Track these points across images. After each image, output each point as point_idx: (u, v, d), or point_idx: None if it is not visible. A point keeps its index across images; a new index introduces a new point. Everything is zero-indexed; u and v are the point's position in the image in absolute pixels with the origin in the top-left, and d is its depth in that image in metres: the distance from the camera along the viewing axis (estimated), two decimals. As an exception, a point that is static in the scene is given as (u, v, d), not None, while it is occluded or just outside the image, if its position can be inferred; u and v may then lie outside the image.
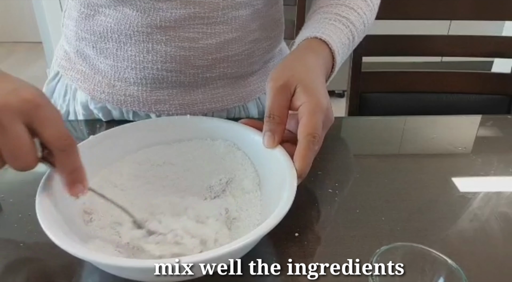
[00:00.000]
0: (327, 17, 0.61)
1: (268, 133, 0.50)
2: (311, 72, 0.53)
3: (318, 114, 0.48)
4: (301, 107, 0.49)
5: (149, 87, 0.66)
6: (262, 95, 0.74)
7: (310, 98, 0.49)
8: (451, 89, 1.12)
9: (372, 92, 1.13)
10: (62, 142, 0.41)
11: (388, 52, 1.08)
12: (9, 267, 0.46)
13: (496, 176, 0.61)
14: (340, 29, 0.60)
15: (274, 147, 0.50)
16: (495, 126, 0.74)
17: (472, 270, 0.41)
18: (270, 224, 0.40)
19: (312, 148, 0.47)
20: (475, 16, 1.05)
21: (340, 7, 0.62)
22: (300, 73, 0.51)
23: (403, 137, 0.72)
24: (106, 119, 0.70)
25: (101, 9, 0.62)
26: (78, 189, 0.43)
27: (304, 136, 0.47)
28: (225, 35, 0.64)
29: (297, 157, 0.47)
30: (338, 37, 0.59)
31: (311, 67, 0.54)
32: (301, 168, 0.46)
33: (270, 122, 0.50)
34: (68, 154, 0.42)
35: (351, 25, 0.61)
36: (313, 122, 0.47)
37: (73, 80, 0.70)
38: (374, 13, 0.68)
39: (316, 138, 0.47)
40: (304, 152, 0.47)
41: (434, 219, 0.52)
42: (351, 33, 0.61)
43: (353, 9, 0.62)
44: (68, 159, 0.42)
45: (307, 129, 0.47)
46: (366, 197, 0.56)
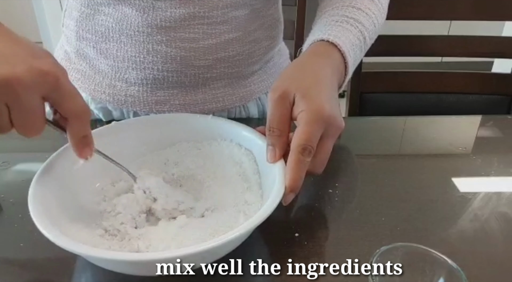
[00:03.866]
0: (334, 19, 0.59)
1: (270, 148, 0.49)
2: (314, 78, 0.50)
3: (314, 123, 0.46)
4: (299, 116, 0.47)
5: (149, 87, 0.66)
6: (262, 96, 0.74)
7: (309, 106, 0.46)
8: (451, 90, 1.11)
9: (372, 92, 1.13)
10: (81, 112, 0.43)
11: (388, 53, 1.08)
12: (9, 267, 0.46)
13: (496, 176, 0.61)
14: (349, 30, 0.57)
15: (276, 161, 0.48)
16: (495, 126, 0.73)
17: (472, 270, 0.41)
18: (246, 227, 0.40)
19: (302, 160, 0.45)
20: (475, 17, 1.05)
21: (346, 8, 0.60)
22: (301, 80, 0.49)
23: (403, 138, 0.72)
24: (106, 119, 0.70)
25: (101, 8, 0.62)
26: (87, 152, 0.46)
27: (295, 147, 0.45)
28: (225, 35, 0.64)
29: (286, 169, 0.46)
30: (347, 38, 0.56)
31: (315, 72, 0.51)
32: (289, 182, 0.45)
33: (271, 136, 0.48)
34: (82, 122, 0.44)
35: (360, 25, 0.59)
36: (306, 133, 0.45)
37: (73, 81, 0.70)
38: (384, 12, 0.65)
39: (307, 150, 0.45)
40: (292, 165, 0.45)
41: (434, 219, 0.52)
42: (361, 33, 0.58)
43: (360, 10, 0.60)
44: (82, 126, 0.44)
45: (298, 140, 0.45)
46: (366, 197, 0.56)
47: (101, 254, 0.38)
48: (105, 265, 0.41)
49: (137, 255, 0.39)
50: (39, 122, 0.41)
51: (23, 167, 0.61)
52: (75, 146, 0.45)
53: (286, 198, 0.45)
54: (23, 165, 0.61)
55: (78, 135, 0.44)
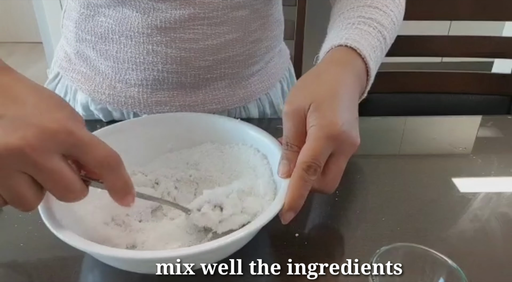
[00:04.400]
0: (350, 21, 0.55)
1: (284, 162, 0.46)
2: (328, 90, 0.47)
3: (323, 140, 0.43)
4: (309, 130, 0.44)
5: (149, 88, 0.66)
6: (262, 96, 0.74)
7: (320, 121, 0.44)
8: (452, 90, 1.12)
9: (373, 92, 1.13)
10: (108, 160, 0.38)
11: (388, 53, 1.07)
12: (9, 267, 0.46)
13: (497, 176, 0.61)
14: (368, 31, 0.53)
15: (288, 177, 0.45)
16: (495, 126, 0.73)
17: (472, 270, 0.41)
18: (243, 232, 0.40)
19: (305, 178, 0.43)
20: (475, 17, 1.05)
21: (362, 8, 0.56)
22: (316, 93, 0.46)
23: (403, 138, 0.72)
24: (106, 120, 0.70)
25: (101, 9, 0.62)
26: (129, 199, 0.40)
27: (299, 164, 0.43)
28: (225, 35, 0.64)
29: (288, 187, 0.44)
30: (366, 41, 0.52)
31: (331, 83, 0.48)
32: (289, 199, 0.43)
33: (288, 151, 0.46)
34: (114, 169, 0.38)
35: (379, 25, 0.55)
36: (313, 150, 0.43)
37: (73, 81, 0.70)
38: (402, 9, 0.61)
39: (311, 167, 0.43)
40: (294, 182, 0.43)
41: (434, 219, 0.52)
42: (380, 34, 0.55)
43: (377, 8, 0.56)
44: (115, 174, 0.39)
45: (303, 157, 0.43)
46: (366, 197, 0.56)
47: (98, 250, 0.38)
48: (102, 258, 0.41)
49: (131, 253, 0.39)
50: (70, 182, 0.36)
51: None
52: (115, 197, 0.40)
53: (285, 216, 0.43)
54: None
55: (116, 186, 0.39)
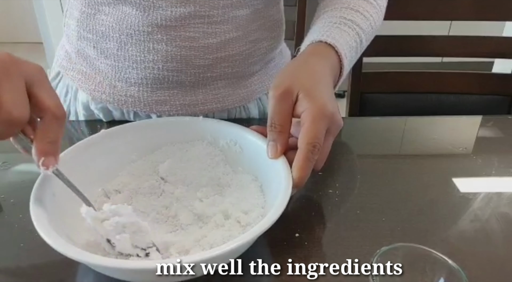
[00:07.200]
0: (332, 20, 0.60)
1: (271, 143, 0.49)
2: (314, 77, 0.51)
3: (320, 121, 0.47)
4: (303, 113, 0.47)
5: (150, 87, 0.66)
6: (262, 96, 0.74)
7: (313, 104, 0.47)
8: (452, 90, 1.11)
9: (373, 92, 1.13)
10: (59, 110, 0.41)
11: (388, 53, 1.08)
12: (9, 267, 0.46)
13: (497, 177, 0.61)
14: (347, 32, 0.58)
15: (278, 157, 0.49)
16: (495, 126, 0.73)
17: (473, 270, 0.41)
18: (262, 227, 0.40)
19: (311, 158, 0.46)
20: (476, 17, 1.05)
21: (345, 10, 0.61)
22: (303, 79, 0.50)
23: (403, 138, 0.72)
24: (107, 120, 0.70)
25: (101, 7, 0.62)
26: (51, 161, 0.42)
27: (304, 145, 0.46)
28: (225, 34, 0.64)
29: (294, 167, 0.46)
30: (344, 40, 0.57)
31: (315, 71, 0.52)
32: (297, 178, 0.46)
33: (273, 132, 0.49)
34: (57, 124, 0.42)
35: (358, 27, 0.60)
36: (314, 130, 0.46)
37: (74, 81, 0.70)
38: (381, 14, 0.66)
39: (316, 147, 0.46)
40: (302, 162, 0.46)
41: (435, 219, 0.52)
42: (358, 36, 0.60)
43: (358, 12, 0.61)
44: (54, 128, 0.42)
45: (306, 138, 0.46)
46: (367, 197, 0.56)
47: (95, 260, 0.38)
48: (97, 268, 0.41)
49: (127, 263, 0.39)
50: (23, 103, 0.39)
51: (24, 168, 0.61)
52: (39, 150, 0.42)
53: None
54: (24, 166, 0.61)
55: (48, 138, 0.41)
